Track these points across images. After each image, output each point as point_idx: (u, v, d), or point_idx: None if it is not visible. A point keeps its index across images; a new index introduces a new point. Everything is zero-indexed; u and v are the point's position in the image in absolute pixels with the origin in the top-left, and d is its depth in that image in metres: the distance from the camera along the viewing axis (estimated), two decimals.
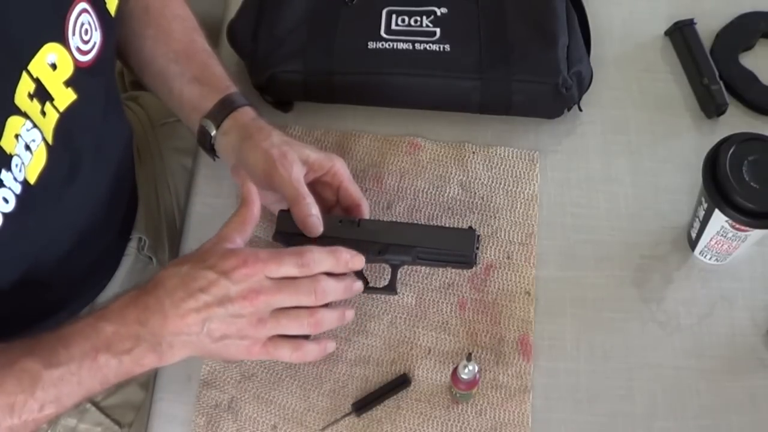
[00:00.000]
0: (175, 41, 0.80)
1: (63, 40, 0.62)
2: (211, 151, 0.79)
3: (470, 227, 0.75)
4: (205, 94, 0.77)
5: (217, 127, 0.76)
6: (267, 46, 0.86)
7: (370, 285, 0.77)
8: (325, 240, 0.72)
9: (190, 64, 0.79)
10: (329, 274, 0.68)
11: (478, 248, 0.74)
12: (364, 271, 0.77)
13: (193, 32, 0.82)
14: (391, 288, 0.76)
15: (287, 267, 0.65)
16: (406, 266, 0.79)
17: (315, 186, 0.75)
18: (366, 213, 0.76)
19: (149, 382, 0.83)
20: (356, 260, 0.69)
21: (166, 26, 0.80)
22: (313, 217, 0.72)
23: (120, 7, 0.71)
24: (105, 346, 0.62)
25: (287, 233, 0.74)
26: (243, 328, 0.65)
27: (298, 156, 0.73)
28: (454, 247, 0.73)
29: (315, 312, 0.67)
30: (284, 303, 0.66)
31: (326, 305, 0.68)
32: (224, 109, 0.76)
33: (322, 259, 0.67)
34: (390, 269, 0.76)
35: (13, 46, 0.58)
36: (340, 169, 0.75)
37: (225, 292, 0.63)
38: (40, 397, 0.61)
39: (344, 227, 0.74)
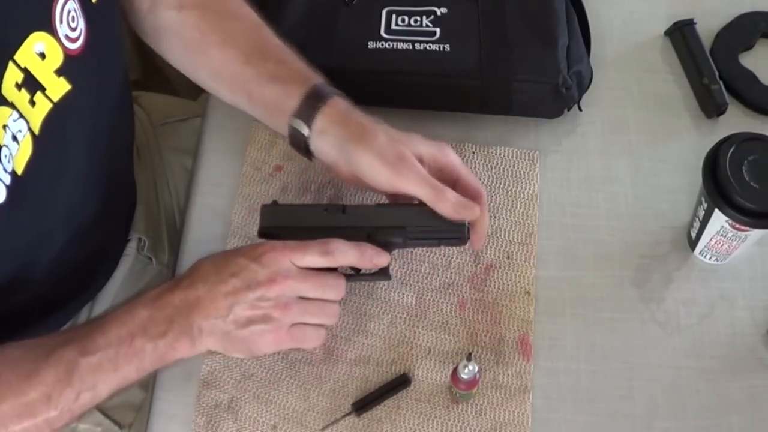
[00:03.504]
0: (243, 42, 0.75)
1: (50, 29, 0.61)
2: (307, 152, 0.73)
3: None
4: (289, 92, 0.71)
5: (310, 126, 0.71)
6: None
7: (362, 272, 0.74)
8: (312, 231, 0.69)
9: (265, 63, 0.73)
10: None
11: (469, 222, 0.71)
12: None
13: (260, 28, 0.76)
14: (384, 273, 0.72)
15: (312, 255, 0.66)
16: (399, 250, 0.75)
17: None
18: (485, 202, 0.71)
19: (149, 382, 0.83)
20: (382, 257, 0.69)
21: (229, 29, 0.75)
22: (462, 201, 0.68)
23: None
24: (141, 330, 0.64)
25: (274, 227, 0.71)
26: (268, 313, 0.65)
27: (413, 153, 0.69)
28: (445, 223, 0.70)
29: (335, 304, 0.69)
30: (309, 292, 0.67)
31: None
32: (313, 104, 0.70)
33: (347, 250, 0.67)
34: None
35: None
36: (455, 160, 0.71)
37: (254, 276, 0.65)
38: (77, 384, 0.62)
39: (330, 215, 0.71)
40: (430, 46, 0.84)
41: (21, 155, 0.60)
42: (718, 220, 0.72)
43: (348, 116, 0.71)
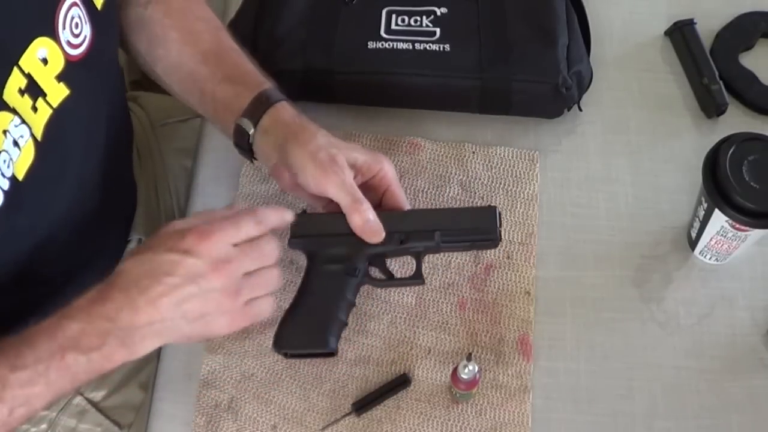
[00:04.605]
0: (203, 42, 0.77)
1: (53, 34, 0.62)
2: (249, 152, 0.75)
3: (490, 205, 0.73)
4: (240, 93, 0.74)
5: (255, 125, 0.73)
6: (267, 46, 0.86)
7: (396, 277, 0.75)
8: (343, 238, 0.71)
9: (221, 64, 0.76)
10: None
11: (501, 225, 0.72)
12: (387, 264, 0.76)
13: (219, 31, 0.79)
14: (417, 277, 0.74)
15: (246, 228, 0.65)
16: (429, 255, 0.76)
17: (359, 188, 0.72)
18: None
19: (149, 382, 0.83)
20: (286, 212, 0.69)
21: (190, 28, 0.78)
22: (373, 222, 0.70)
23: (109, 4, 0.70)
24: (72, 345, 0.60)
25: (306, 236, 0.72)
26: (220, 301, 0.63)
27: (347, 159, 0.70)
28: (478, 227, 0.71)
29: (274, 268, 0.67)
30: (251, 266, 0.65)
31: None
32: (261, 105, 0.73)
33: (269, 213, 0.67)
34: (413, 259, 0.75)
35: (2, 42, 0.57)
36: (388, 172, 0.73)
37: (193, 270, 0.62)
38: (9, 401, 0.59)
39: None
40: (430, 46, 0.84)
41: (22, 161, 0.61)
42: (718, 220, 0.72)
43: (292, 119, 0.73)
